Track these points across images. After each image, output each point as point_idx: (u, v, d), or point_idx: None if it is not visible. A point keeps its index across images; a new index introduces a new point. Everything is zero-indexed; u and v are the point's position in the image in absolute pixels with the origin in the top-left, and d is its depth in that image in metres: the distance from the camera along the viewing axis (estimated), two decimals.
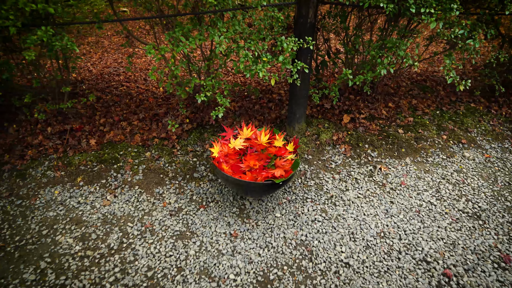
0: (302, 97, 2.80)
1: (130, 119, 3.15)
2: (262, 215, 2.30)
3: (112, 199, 2.44)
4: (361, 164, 2.81)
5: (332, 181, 2.62)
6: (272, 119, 3.19)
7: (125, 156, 2.78)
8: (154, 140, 2.93)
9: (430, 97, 3.73)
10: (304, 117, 2.96)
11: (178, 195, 2.47)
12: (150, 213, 2.33)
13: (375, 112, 3.38)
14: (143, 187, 2.54)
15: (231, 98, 3.55)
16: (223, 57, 2.55)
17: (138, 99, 3.53)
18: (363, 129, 3.15)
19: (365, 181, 2.63)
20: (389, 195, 2.49)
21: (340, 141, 3.00)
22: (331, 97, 3.46)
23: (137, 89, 3.81)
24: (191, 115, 3.10)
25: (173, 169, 2.69)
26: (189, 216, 2.30)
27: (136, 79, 4.13)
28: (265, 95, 3.62)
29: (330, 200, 2.43)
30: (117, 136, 2.96)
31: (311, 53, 2.64)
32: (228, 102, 2.50)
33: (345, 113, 3.32)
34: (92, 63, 4.76)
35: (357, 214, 2.31)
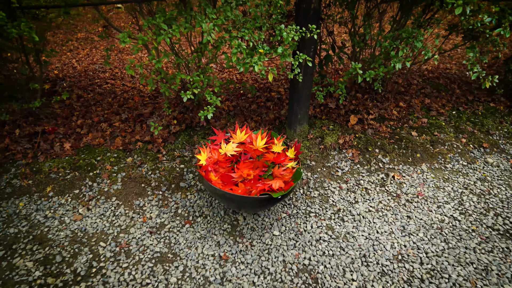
0: (305, 95, 2.46)
1: (111, 120, 2.81)
2: (257, 233, 1.96)
3: (85, 212, 2.11)
4: (371, 172, 2.47)
5: (339, 192, 2.28)
6: (270, 120, 2.85)
7: (103, 162, 2.45)
8: (137, 144, 2.60)
9: (444, 96, 3.39)
10: (307, 117, 2.62)
11: (160, 208, 2.13)
12: (127, 230, 1.99)
13: (385, 113, 3.04)
14: (121, 199, 2.20)
15: (225, 96, 3.21)
16: (213, 49, 2.22)
17: (122, 98, 3.19)
18: (372, 131, 2.81)
19: (377, 191, 2.30)
20: (405, 209, 2.15)
21: (347, 145, 2.66)
22: (336, 96, 3.13)
23: (122, 87, 3.48)
24: (179, 115, 2.77)
25: (156, 177, 2.35)
26: (172, 234, 1.97)
27: (123, 77, 3.80)
28: (262, 93, 3.29)
29: (337, 215, 2.09)
30: (95, 139, 2.63)
31: (315, 44, 2.31)
32: (219, 100, 2.16)
33: (351, 113, 2.99)
34: (78, 60, 4.43)
35: (369, 231, 1.97)
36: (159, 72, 2.30)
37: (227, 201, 1.77)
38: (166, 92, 2.24)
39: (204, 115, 2.10)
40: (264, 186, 1.76)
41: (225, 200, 1.77)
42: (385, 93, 3.20)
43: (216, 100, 2.17)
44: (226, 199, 1.75)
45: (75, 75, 3.78)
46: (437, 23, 2.44)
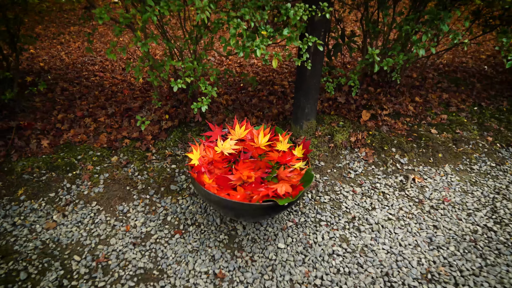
0: (313, 86, 2.17)
1: (96, 115, 2.53)
2: (259, 246, 1.67)
3: (60, 219, 1.82)
4: (388, 173, 2.18)
5: (353, 196, 1.99)
6: (273, 115, 2.56)
7: (85, 161, 2.16)
8: (124, 141, 2.31)
9: (464, 91, 3.10)
10: (315, 112, 2.33)
11: (147, 215, 1.84)
12: (106, 241, 1.70)
13: (400, 108, 2.75)
14: (103, 203, 1.91)
15: (223, 89, 2.92)
16: (207, 32, 1.92)
17: (110, 91, 2.91)
18: (387, 128, 2.52)
19: (396, 196, 2.00)
20: (430, 217, 1.86)
21: (360, 143, 2.37)
22: (345, 89, 2.84)
23: (112, 80, 3.19)
24: (171, 110, 2.48)
25: (144, 179, 2.06)
26: (159, 246, 1.68)
27: (113, 69, 3.51)
28: (264, 87, 3.00)
29: (352, 224, 1.80)
30: (77, 135, 2.34)
31: (326, 26, 2.02)
32: (215, 91, 1.87)
33: (363, 108, 2.70)
34: (67, 52, 4.15)
35: (391, 244, 1.68)
36: (147, 59, 2.01)
37: (224, 208, 1.48)
38: (154, 81, 1.95)
39: (198, 107, 1.82)
40: (268, 191, 1.47)
41: (221, 208, 1.48)
42: (400, 86, 2.91)
43: (212, 90, 1.88)
44: (222, 207, 1.46)
45: (61, 68, 3.49)
46: (466, 4, 2.14)
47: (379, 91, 2.86)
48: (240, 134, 1.84)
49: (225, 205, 1.43)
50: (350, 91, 2.87)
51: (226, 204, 1.43)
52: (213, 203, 1.48)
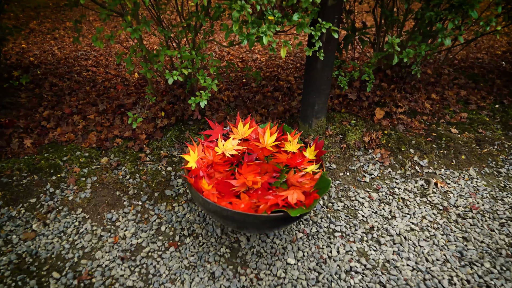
0: (325, 80, 1.96)
1: (86, 112, 2.31)
2: (266, 261, 1.46)
3: (40, 229, 1.61)
4: (406, 177, 1.97)
5: (370, 203, 1.78)
6: (279, 113, 2.35)
7: (71, 163, 1.95)
8: (115, 141, 2.10)
9: (483, 87, 2.88)
10: (325, 109, 2.12)
11: (138, 224, 1.63)
12: (91, 255, 1.49)
13: (416, 106, 2.53)
14: (89, 211, 1.70)
15: (224, 85, 2.71)
16: (206, 18, 1.71)
17: (103, 87, 2.70)
18: (403, 127, 2.31)
19: (417, 203, 1.79)
20: (458, 227, 1.64)
21: (374, 144, 2.16)
22: (356, 85, 2.62)
23: (105, 75, 2.98)
24: (167, 106, 2.27)
25: (136, 183, 1.85)
26: (151, 260, 1.46)
27: (107, 64, 3.30)
28: (269, 82, 2.79)
29: (371, 235, 1.59)
30: (64, 134, 2.13)
31: (339, 12, 1.80)
32: (215, 84, 1.66)
33: (376, 106, 2.48)
34: (60, 47, 3.94)
35: (416, 259, 1.47)
36: (140, 49, 1.80)
37: (225, 219, 1.26)
38: (147, 74, 1.74)
39: (196, 102, 1.60)
40: (277, 199, 1.25)
41: (222, 219, 1.27)
42: (416, 82, 2.70)
43: (212, 83, 1.67)
44: (223, 217, 1.25)
45: (52, 62, 3.28)
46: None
47: (393, 87, 2.64)
48: (244, 133, 1.63)
49: (226, 215, 1.22)
50: (362, 87, 2.66)
51: (227, 215, 1.21)
52: (213, 213, 1.26)
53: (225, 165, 1.49)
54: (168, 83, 1.56)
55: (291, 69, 3.10)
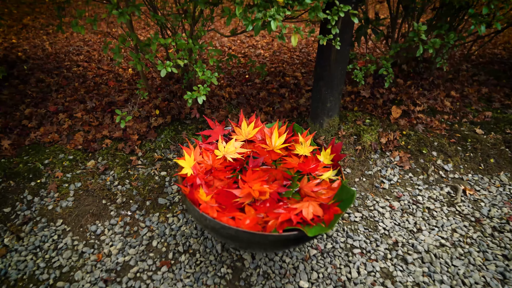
0: (338, 74, 1.74)
1: (73, 110, 2.10)
2: (275, 284, 1.24)
3: (12, 243, 1.40)
4: (430, 183, 1.75)
5: (391, 214, 1.56)
6: (285, 111, 2.13)
7: (53, 166, 1.74)
8: (104, 142, 1.88)
9: (506, 84, 2.66)
10: (338, 107, 1.90)
11: (126, 238, 1.42)
12: (69, 276, 1.28)
13: (435, 104, 2.32)
14: (71, 222, 1.49)
15: (226, 81, 2.50)
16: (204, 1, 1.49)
17: (93, 83, 2.48)
18: (422, 127, 2.09)
19: (445, 213, 1.57)
20: (495, 242, 1.42)
21: (392, 146, 1.94)
22: (368, 81, 2.41)
23: (97, 70, 2.77)
24: (162, 104, 2.05)
25: (125, 189, 1.64)
26: (140, 283, 1.25)
27: (100, 59, 3.08)
28: (274, 78, 2.57)
29: (395, 252, 1.37)
30: (47, 134, 1.92)
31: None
32: (215, 77, 1.45)
33: (392, 103, 2.27)
34: (52, 42, 3.73)
35: (452, 282, 1.25)
36: (130, 37, 1.58)
37: (226, 238, 1.04)
38: (138, 66, 1.53)
39: (193, 98, 1.39)
40: (290, 213, 1.04)
41: (223, 237, 1.05)
42: (434, 78, 2.48)
43: (212, 76, 1.45)
44: (224, 236, 1.03)
45: (41, 57, 3.07)
46: None
47: (410, 83, 2.43)
48: (248, 134, 1.42)
49: (228, 234, 1.00)
50: (376, 84, 2.44)
51: (229, 234, 1.00)
52: (212, 230, 1.05)
53: (227, 172, 1.27)
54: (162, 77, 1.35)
55: (297, 65, 2.88)
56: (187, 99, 1.38)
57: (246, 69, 2.76)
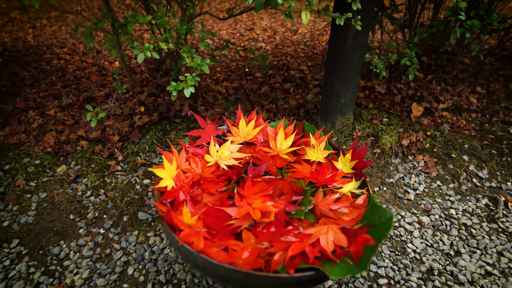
0: (355, 63, 1.47)
1: (45, 106, 1.83)
2: None
3: None
4: (463, 194, 1.47)
5: (421, 232, 1.28)
6: (291, 108, 1.86)
7: (15, 173, 1.46)
8: (79, 143, 1.61)
9: None
10: (353, 103, 1.62)
11: (96, 264, 1.14)
12: None
13: (460, 100, 2.04)
14: (29, 243, 1.21)
15: (223, 75, 2.22)
16: None
17: (73, 76, 2.21)
18: (448, 127, 1.81)
19: (485, 231, 1.30)
20: None
21: (415, 148, 1.66)
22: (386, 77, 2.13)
23: (80, 63, 2.49)
24: (148, 99, 1.78)
25: (99, 201, 1.36)
26: None
27: (85, 52, 2.81)
28: (277, 72, 2.29)
29: (431, 283, 1.09)
30: (13, 135, 1.64)
31: None
32: (207, 64, 1.17)
33: (411, 100, 1.99)
34: (36, 35, 3.45)
35: None
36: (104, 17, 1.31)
37: (216, 278, 0.76)
38: (112, 51, 1.25)
39: (178, 89, 1.11)
40: (303, 242, 0.76)
41: (212, 276, 0.77)
42: (458, 72, 2.20)
43: (203, 64, 1.17)
44: (214, 276, 0.75)
45: (20, 50, 2.79)
46: None
47: (431, 77, 2.15)
48: (247, 134, 1.14)
49: (218, 274, 0.72)
50: (392, 78, 2.16)
51: (219, 273, 0.72)
52: (196, 267, 0.77)
53: (219, 183, 0.99)
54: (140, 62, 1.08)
55: (302, 58, 2.61)
56: (170, 91, 1.11)
57: (246, 63, 2.48)
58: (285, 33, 3.46)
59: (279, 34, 3.39)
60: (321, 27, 3.72)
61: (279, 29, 3.63)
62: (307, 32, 3.48)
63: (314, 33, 3.46)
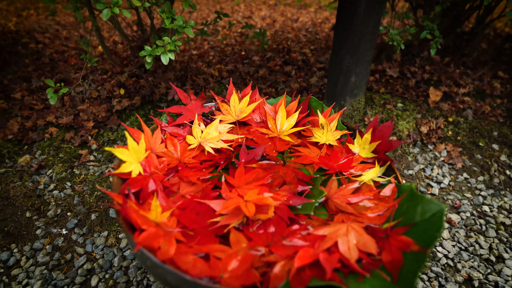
0: (369, 33, 1.24)
1: (12, 89, 1.60)
2: None
3: None
4: (496, 188, 1.25)
5: (451, 233, 1.06)
6: (292, 92, 1.64)
7: None
8: (48, 130, 1.38)
9: None
10: (365, 83, 1.40)
11: (52, 273, 0.91)
12: None
13: (482, 85, 1.82)
14: None
15: (217, 59, 2.00)
16: None
17: (49, 59, 1.98)
18: (472, 113, 1.59)
19: None
20: None
21: (436, 136, 1.44)
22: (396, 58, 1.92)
23: (60, 47, 2.27)
24: (129, 81, 1.55)
25: (63, 196, 1.14)
26: None
27: (69, 37, 2.59)
28: (277, 54, 2.07)
29: None
30: None
31: None
32: (190, 28, 0.95)
33: (427, 84, 1.77)
34: (19, 23, 3.23)
35: None
36: None
37: None
38: (77, 12, 1.02)
39: (154, 54, 0.89)
40: (315, 249, 0.54)
41: None
42: (479, 55, 1.99)
43: (186, 26, 0.95)
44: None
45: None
46: None
47: (448, 60, 1.93)
48: (240, 112, 0.92)
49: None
50: (405, 61, 1.94)
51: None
52: (161, 281, 0.54)
53: (203, 170, 0.77)
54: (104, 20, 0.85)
55: (304, 42, 2.38)
56: (144, 56, 0.88)
57: (242, 47, 2.26)
58: (285, 22, 3.24)
59: (279, 23, 3.17)
60: (323, 16, 3.51)
61: (278, 18, 3.42)
62: (309, 21, 3.26)
63: (316, 22, 3.24)
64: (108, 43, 2.31)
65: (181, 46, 2.09)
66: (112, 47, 2.18)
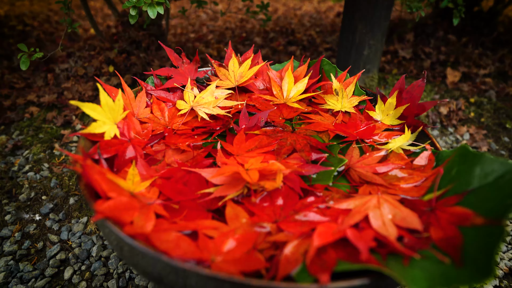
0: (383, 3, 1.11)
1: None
2: None
3: None
4: None
5: None
6: None
7: None
8: (28, 110, 1.25)
9: None
10: (379, 57, 1.26)
11: (20, 264, 0.78)
12: None
13: (504, 67, 1.68)
14: None
15: (215, 40, 1.87)
16: None
17: (35, 39, 1.85)
18: (494, 94, 1.45)
19: None
20: None
21: (457, 118, 1.31)
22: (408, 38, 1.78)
23: (50, 29, 2.14)
24: (119, 57, 1.42)
25: (39, 178, 1.00)
26: None
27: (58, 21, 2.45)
28: (280, 35, 1.94)
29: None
30: None
31: None
32: None
33: (442, 66, 1.64)
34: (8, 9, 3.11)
35: None
36: None
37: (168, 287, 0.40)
38: None
39: (139, 5, 0.76)
40: (340, 224, 0.40)
41: (161, 284, 0.41)
42: (500, 35, 1.85)
43: None
44: (164, 284, 0.39)
45: None
46: None
47: (465, 40, 1.79)
48: (240, 77, 0.78)
49: (171, 281, 0.36)
50: (419, 41, 1.81)
51: (172, 280, 0.36)
52: (132, 265, 0.41)
53: (194, 136, 0.63)
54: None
55: (308, 26, 2.25)
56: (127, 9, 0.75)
57: (243, 30, 2.13)
58: (288, 10, 3.10)
59: (281, 11, 3.04)
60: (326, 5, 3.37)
61: (280, 7, 3.28)
62: (312, 10, 3.12)
63: (320, 10, 3.11)
64: (97, 19, 2.18)
65: (176, 19, 1.95)
66: (102, 23, 2.05)
